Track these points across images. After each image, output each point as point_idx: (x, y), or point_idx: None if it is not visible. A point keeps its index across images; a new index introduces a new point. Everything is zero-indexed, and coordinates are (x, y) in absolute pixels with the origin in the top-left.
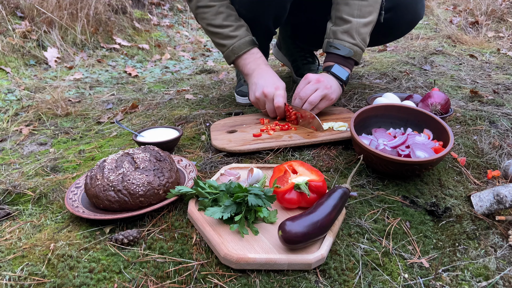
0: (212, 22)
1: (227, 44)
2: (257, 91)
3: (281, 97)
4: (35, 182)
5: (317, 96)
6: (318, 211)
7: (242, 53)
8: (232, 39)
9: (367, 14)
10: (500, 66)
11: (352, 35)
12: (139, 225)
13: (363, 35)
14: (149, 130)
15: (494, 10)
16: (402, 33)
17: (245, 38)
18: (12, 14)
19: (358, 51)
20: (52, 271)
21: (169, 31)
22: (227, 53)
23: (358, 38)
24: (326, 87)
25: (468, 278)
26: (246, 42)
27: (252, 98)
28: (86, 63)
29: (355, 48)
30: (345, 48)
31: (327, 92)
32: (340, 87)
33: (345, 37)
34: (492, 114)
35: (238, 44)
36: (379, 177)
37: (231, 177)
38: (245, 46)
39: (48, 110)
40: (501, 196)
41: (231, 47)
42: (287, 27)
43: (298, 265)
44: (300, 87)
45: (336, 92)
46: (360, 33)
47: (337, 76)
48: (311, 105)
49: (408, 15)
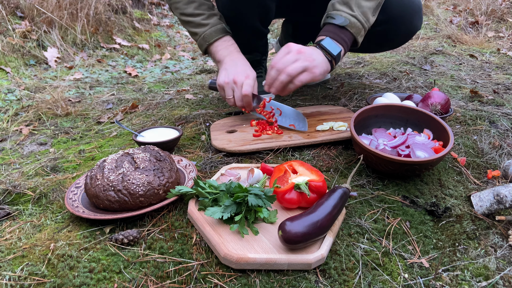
0: (185, 11)
1: (199, 32)
2: (226, 76)
3: (249, 86)
4: (35, 182)
5: (296, 67)
6: (318, 211)
7: (213, 41)
8: (203, 27)
9: None
10: (500, 66)
11: (351, 7)
12: (139, 225)
13: (363, 8)
14: (149, 130)
15: (494, 10)
16: (398, 44)
17: (217, 26)
18: (12, 14)
19: (356, 24)
20: (52, 271)
21: (169, 31)
22: (199, 41)
23: (358, 10)
24: (308, 59)
25: (468, 278)
26: (218, 30)
27: (221, 83)
28: (86, 63)
29: (352, 19)
30: (341, 17)
31: (308, 65)
32: (328, 63)
33: (343, 8)
34: (492, 114)
35: (209, 32)
36: (379, 177)
37: (231, 177)
38: (216, 33)
39: (48, 110)
40: (501, 196)
41: (203, 35)
42: (289, 26)
43: (298, 265)
44: (278, 57)
45: (321, 67)
46: (361, 5)
47: (326, 49)
48: (289, 76)
49: (404, 28)
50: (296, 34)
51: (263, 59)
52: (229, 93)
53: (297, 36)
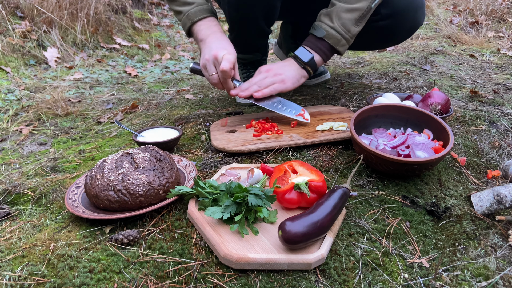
0: None
1: (183, 11)
2: (208, 53)
3: (228, 62)
4: (35, 182)
5: (266, 82)
6: (318, 211)
7: (197, 20)
8: (189, 5)
9: (354, 1)
10: (500, 66)
11: (332, 18)
12: (139, 225)
13: (343, 20)
14: (149, 130)
15: (494, 10)
16: (401, 40)
17: (203, 6)
18: (12, 14)
19: (334, 35)
20: (52, 271)
21: (169, 31)
22: (183, 20)
23: (337, 22)
24: (276, 74)
25: (468, 278)
26: (203, 9)
27: (203, 61)
28: (86, 63)
29: (330, 30)
30: (321, 29)
31: (275, 79)
32: (302, 70)
33: (325, 19)
34: (492, 114)
35: (194, 10)
36: (379, 177)
37: (231, 177)
38: (201, 13)
39: (48, 110)
40: (501, 196)
41: (187, 13)
42: (288, 27)
43: (298, 265)
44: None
45: (291, 76)
46: (341, 17)
47: (298, 57)
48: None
49: (408, 22)
50: (295, 34)
51: (263, 59)
52: (211, 69)
53: (297, 37)
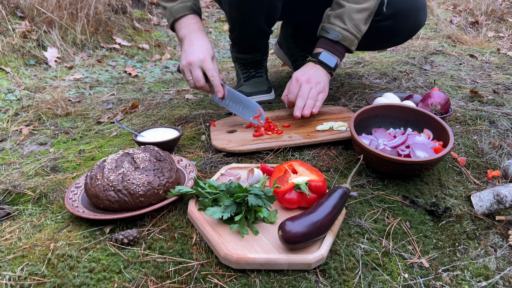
0: None
1: (167, 6)
2: (184, 59)
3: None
4: (35, 182)
5: (314, 93)
6: (318, 211)
7: (179, 17)
8: (173, 1)
9: (363, 1)
10: (500, 66)
11: (344, 20)
12: (139, 225)
13: (355, 21)
14: (149, 130)
15: (494, 10)
16: (403, 40)
17: (186, 3)
18: (12, 14)
19: (348, 37)
20: (52, 271)
21: (169, 31)
22: (167, 16)
23: (350, 23)
24: (317, 83)
25: (468, 278)
26: (185, 7)
27: (181, 67)
28: (86, 63)
29: (344, 33)
30: (334, 32)
31: (319, 89)
32: (329, 75)
33: (336, 22)
34: (492, 114)
35: (177, 7)
36: (379, 177)
37: (231, 177)
38: (183, 10)
39: (48, 110)
40: (501, 196)
41: (171, 10)
42: (288, 27)
43: (298, 265)
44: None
45: (326, 82)
46: (352, 18)
47: (325, 63)
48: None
49: (409, 23)
50: (295, 34)
51: (263, 59)
52: (187, 75)
53: (297, 37)
